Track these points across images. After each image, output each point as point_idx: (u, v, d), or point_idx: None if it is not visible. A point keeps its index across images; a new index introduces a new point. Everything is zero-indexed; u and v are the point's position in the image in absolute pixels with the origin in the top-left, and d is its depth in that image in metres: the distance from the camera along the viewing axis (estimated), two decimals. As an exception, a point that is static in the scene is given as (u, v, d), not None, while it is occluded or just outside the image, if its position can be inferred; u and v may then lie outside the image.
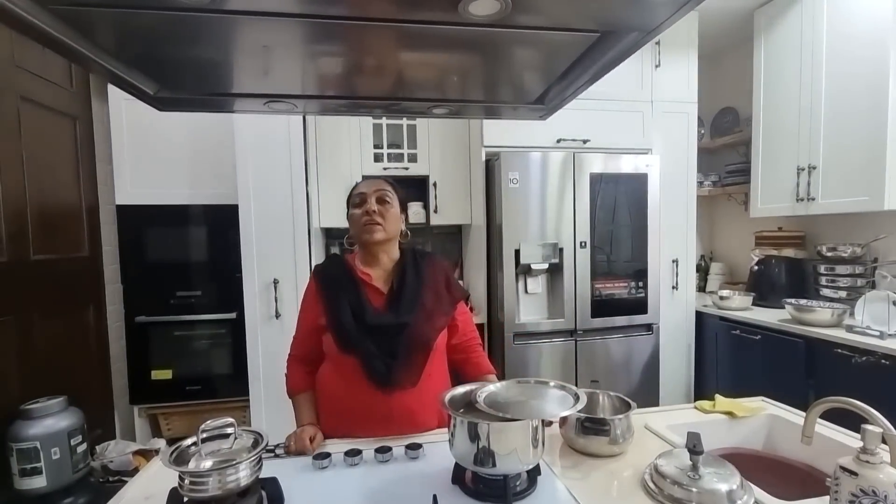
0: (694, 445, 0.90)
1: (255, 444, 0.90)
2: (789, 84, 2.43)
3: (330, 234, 2.92)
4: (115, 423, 2.41)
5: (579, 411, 1.07)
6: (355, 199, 1.25)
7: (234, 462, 0.81)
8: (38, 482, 1.61)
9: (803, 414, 1.27)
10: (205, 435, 0.88)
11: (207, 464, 0.84)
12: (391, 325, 1.19)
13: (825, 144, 2.26)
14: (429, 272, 1.30)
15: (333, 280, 1.26)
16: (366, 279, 1.26)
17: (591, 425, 1.05)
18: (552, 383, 1.00)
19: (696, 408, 1.34)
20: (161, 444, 2.20)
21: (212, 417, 0.88)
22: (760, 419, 1.29)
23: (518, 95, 0.90)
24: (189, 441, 0.88)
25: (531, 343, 2.39)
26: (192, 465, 0.83)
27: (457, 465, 0.95)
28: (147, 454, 2.12)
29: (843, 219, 2.37)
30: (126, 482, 1.99)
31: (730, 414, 1.28)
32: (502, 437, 0.86)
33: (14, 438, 1.61)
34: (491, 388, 1.00)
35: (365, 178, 1.30)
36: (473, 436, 0.87)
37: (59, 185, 2.11)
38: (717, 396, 1.36)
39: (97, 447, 2.05)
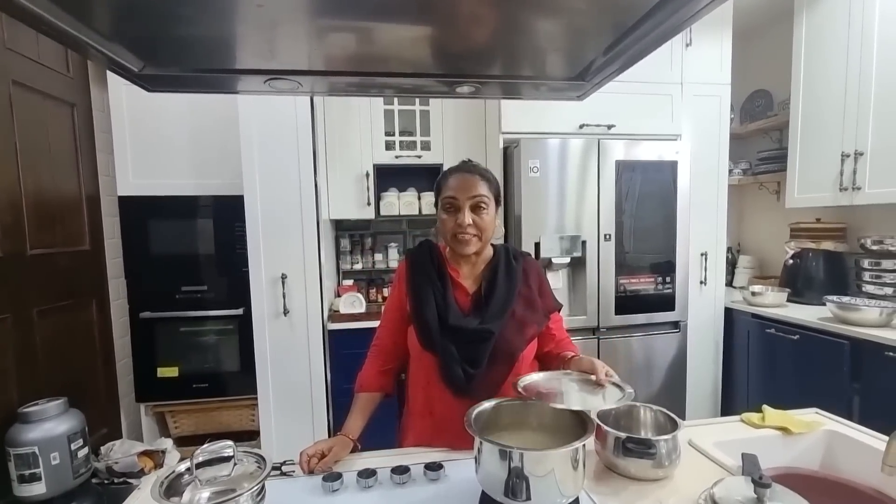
0: (760, 477, 0.78)
1: (258, 469, 0.79)
2: (835, 64, 2.24)
3: (340, 226, 2.81)
4: (121, 421, 2.34)
5: (622, 430, 0.97)
6: (445, 204, 1.12)
7: (235, 495, 0.70)
8: (38, 489, 1.54)
9: (866, 430, 1.15)
10: (200, 459, 0.78)
11: (204, 495, 0.74)
12: (472, 330, 1.09)
13: (874, 129, 2.08)
14: (522, 277, 1.19)
15: (423, 269, 1.17)
16: (454, 275, 1.17)
17: (635, 447, 0.93)
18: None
19: (742, 421, 1.21)
20: (168, 444, 2.13)
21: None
22: (816, 434, 1.15)
23: (560, 69, 0.76)
24: (183, 467, 0.78)
25: (551, 341, 2.28)
26: (185, 498, 0.72)
27: (484, 494, 0.84)
28: (153, 454, 2.04)
29: (889, 210, 2.19)
30: (131, 483, 1.94)
31: (783, 430, 1.14)
32: (539, 465, 0.75)
33: (12, 443, 1.54)
34: (533, 376, 0.96)
35: (453, 171, 1.15)
36: (504, 462, 0.76)
37: (56, 176, 2.01)
38: (766, 408, 1.23)
39: (102, 448, 1.99)
